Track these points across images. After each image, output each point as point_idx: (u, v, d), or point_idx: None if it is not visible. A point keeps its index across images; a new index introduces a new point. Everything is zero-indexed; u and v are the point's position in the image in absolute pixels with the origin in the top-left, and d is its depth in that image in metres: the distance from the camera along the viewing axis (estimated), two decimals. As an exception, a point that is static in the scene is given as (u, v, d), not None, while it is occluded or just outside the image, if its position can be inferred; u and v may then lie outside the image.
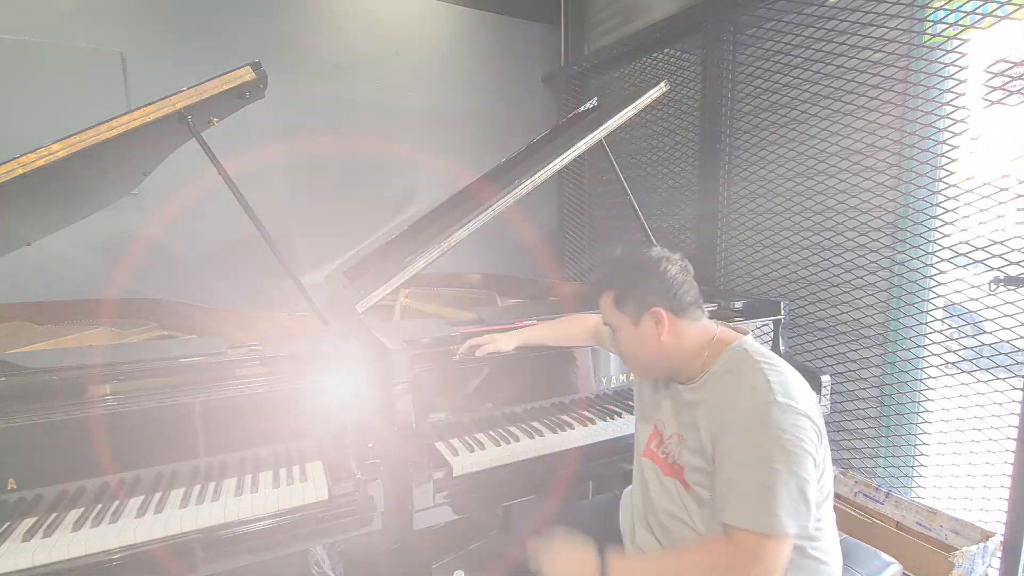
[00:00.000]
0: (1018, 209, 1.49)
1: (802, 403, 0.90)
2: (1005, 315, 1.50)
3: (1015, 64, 1.44)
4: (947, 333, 1.70)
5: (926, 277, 1.68)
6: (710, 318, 1.10)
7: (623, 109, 1.87)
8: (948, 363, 1.67)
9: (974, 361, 1.59)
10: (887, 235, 1.76)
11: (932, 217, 1.67)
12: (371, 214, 2.90)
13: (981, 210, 1.54)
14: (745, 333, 1.08)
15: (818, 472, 0.90)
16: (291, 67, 2.63)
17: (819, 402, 1.06)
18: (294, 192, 2.71)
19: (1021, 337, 1.47)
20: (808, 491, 0.85)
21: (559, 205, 3.45)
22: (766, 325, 1.85)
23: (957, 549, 1.49)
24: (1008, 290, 1.47)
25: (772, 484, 0.84)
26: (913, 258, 1.71)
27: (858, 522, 1.78)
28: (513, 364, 1.55)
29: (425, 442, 1.38)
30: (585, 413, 1.59)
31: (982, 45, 1.52)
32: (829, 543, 0.98)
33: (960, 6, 1.54)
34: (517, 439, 1.42)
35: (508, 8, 3.15)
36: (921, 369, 1.73)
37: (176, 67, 2.37)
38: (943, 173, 1.64)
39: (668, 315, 1.03)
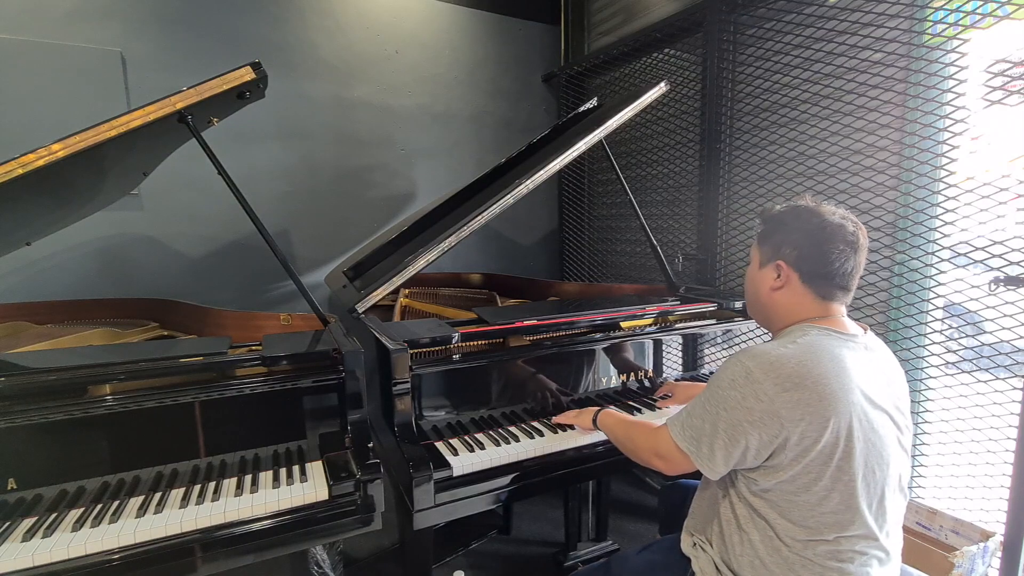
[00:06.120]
0: (1018, 209, 1.49)
1: (776, 365, 0.93)
2: (1005, 315, 1.50)
3: (1015, 64, 1.44)
4: (947, 333, 1.70)
5: (926, 277, 1.68)
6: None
7: (623, 109, 1.88)
8: (948, 363, 1.67)
9: (974, 361, 1.59)
10: (887, 235, 1.76)
11: (932, 217, 1.66)
12: (371, 214, 2.90)
13: (981, 210, 1.53)
14: (865, 330, 1.05)
15: (771, 435, 0.93)
16: (291, 67, 2.63)
17: None
18: (294, 192, 2.71)
19: (1021, 337, 1.47)
20: (713, 426, 0.98)
21: (559, 205, 3.44)
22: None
23: (957, 549, 1.49)
24: (1008, 290, 1.47)
25: (693, 407, 1.04)
26: (913, 258, 1.70)
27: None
28: (513, 365, 1.55)
29: (425, 442, 1.39)
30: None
31: (982, 45, 1.52)
32: (790, 526, 0.95)
33: (960, 6, 1.54)
34: (517, 439, 1.43)
35: (508, 8, 3.14)
36: (921, 369, 1.73)
37: (176, 67, 2.38)
38: (943, 173, 1.64)
39: (791, 273, 1.05)
